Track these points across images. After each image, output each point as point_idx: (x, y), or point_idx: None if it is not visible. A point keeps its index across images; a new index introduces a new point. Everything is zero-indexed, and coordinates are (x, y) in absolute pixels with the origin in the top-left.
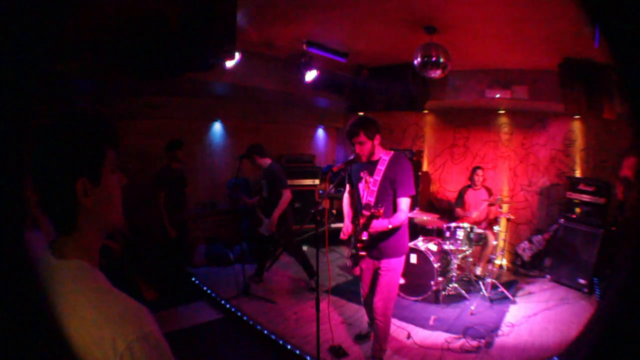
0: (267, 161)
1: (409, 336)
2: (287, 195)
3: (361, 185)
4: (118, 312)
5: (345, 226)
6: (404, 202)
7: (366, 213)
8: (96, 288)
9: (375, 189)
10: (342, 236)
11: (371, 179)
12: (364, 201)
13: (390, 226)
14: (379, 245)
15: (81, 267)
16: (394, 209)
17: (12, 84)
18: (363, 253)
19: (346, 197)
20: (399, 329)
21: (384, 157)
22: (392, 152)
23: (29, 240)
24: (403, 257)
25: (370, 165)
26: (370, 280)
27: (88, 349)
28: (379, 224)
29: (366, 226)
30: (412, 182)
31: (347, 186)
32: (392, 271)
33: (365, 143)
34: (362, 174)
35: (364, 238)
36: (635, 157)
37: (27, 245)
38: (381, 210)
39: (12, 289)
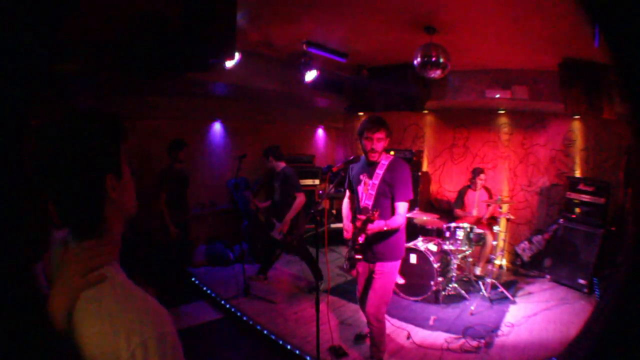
0: (281, 164)
1: (408, 336)
2: (301, 198)
3: (360, 188)
4: (138, 307)
5: (346, 225)
6: (402, 207)
7: (362, 217)
8: (119, 284)
9: (374, 192)
10: (346, 235)
11: (370, 182)
12: (362, 204)
13: (385, 228)
14: (374, 248)
15: (107, 270)
16: (392, 212)
17: (12, 84)
18: (359, 256)
19: (346, 201)
20: (398, 329)
21: (383, 161)
22: (392, 156)
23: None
24: (398, 262)
25: (370, 169)
26: (364, 283)
27: (98, 341)
28: (375, 226)
29: (362, 229)
30: (410, 187)
31: (347, 192)
32: (386, 275)
33: (382, 140)
34: (361, 177)
35: (360, 241)
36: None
37: (34, 254)
38: (376, 214)
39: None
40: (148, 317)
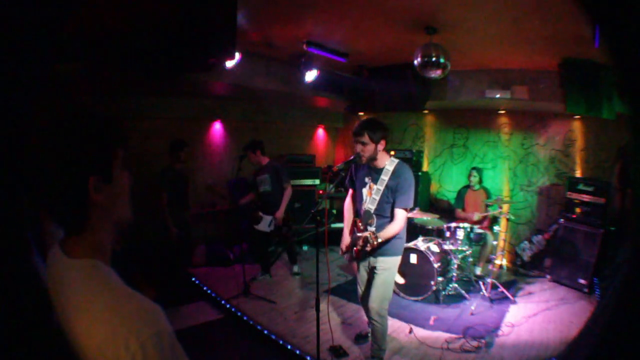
0: (267, 158)
1: (410, 330)
2: (290, 189)
3: (365, 191)
4: (132, 311)
5: (344, 239)
6: (400, 214)
7: (362, 229)
8: (109, 287)
9: (378, 197)
10: (341, 252)
11: (374, 187)
12: (364, 206)
13: (380, 240)
14: None
15: (94, 265)
16: (392, 216)
17: (12, 84)
18: (358, 257)
19: (348, 201)
20: (399, 328)
21: (388, 167)
22: (397, 160)
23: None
24: (399, 257)
25: (375, 174)
26: (366, 279)
27: (99, 349)
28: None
29: (362, 249)
30: (412, 195)
31: (350, 190)
32: (388, 270)
33: (367, 144)
34: (367, 180)
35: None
36: (620, 161)
37: (32, 246)
38: (375, 242)
39: (19, 289)
40: (143, 320)
